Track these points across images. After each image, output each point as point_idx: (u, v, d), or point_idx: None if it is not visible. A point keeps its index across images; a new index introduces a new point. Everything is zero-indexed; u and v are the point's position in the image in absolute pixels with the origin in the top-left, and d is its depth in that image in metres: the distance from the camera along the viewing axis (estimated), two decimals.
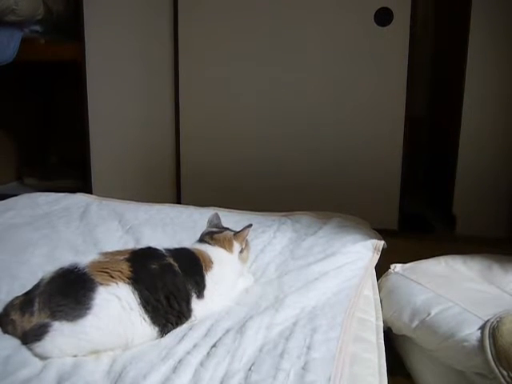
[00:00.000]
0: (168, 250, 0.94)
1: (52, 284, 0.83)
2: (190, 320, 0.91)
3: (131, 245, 1.29)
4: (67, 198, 1.70)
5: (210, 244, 1.01)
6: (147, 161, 2.59)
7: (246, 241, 1.06)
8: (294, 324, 0.91)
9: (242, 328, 0.87)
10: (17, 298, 0.86)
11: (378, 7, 2.22)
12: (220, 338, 0.85)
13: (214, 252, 0.99)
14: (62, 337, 0.79)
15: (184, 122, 2.48)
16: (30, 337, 0.79)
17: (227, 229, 1.08)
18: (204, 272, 0.94)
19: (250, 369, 0.77)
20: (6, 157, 3.03)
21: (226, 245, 1.01)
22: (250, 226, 1.06)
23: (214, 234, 1.03)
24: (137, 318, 0.83)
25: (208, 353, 0.81)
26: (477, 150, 2.31)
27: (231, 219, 1.43)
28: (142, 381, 0.73)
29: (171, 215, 1.54)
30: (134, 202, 1.69)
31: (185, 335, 0.86)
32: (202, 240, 1.03)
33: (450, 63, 2.60)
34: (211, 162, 2.50)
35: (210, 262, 0.97)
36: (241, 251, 1.04)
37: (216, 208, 1.63)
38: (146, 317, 0.84)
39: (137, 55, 2.49)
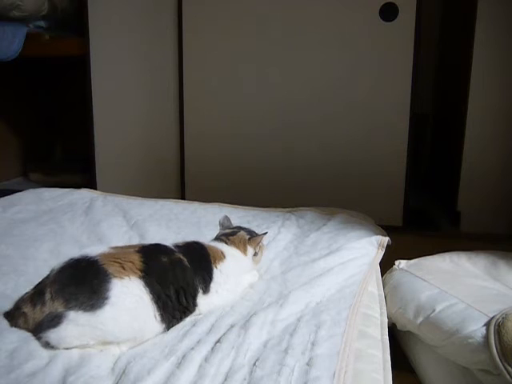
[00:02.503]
0: (177, 246, 0.95)
1: (63, 273, 0.83)
2: (193, 314, 0.91)
3: (136, 240, 1.30)
4: (72, 194, 1.70)
5: (226, 243, 1.03)
6: (152, 156, 2.59)
7: (262, 244, 1.08)
8: (299, 320, 0.91)
9: (246, 323, 0.87)
10: (27, 292, 0.86)
11: (384, 2, 2.20)
12: (224, 334, 0.85)
13: (228, 249, 1.01)
14: (77, 326, 0.78)
15: (188, 118, 2.48)
16: (45, 326, 0.79)
17: (240, 227, 1.10)
18: (213, 265, 0.95)
19: (254, 364, 0.77)
20: (12, 152, 3.04)
21: (241, 247, 1.04)
22: (265, 233, 1.10)
23: (229, 236, 1.05)
24: (150, 314, 0.83)
25: (212, 348, 0.81)
26: (481, 147, 2.29)
27: (236, 215, 1.43)
28: (146, 376, 0.74)
29: (175, 211, 1.54)
30: (139, 198, 1.70)
31: (188, 331, 0.86)
32: (218, 238, 1.05)
33: (456, 59, 2.58)
34: (215, 158, 2.50)
35: (223, 255, 0.98)
36: (255, 254, 1.06)
37: (220, 204, 1.63)
38: (157, 314, 0.84)
39: (141, 51, 2.49)
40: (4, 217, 1.45)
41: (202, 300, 0.92)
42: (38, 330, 0.80)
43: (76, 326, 0.78)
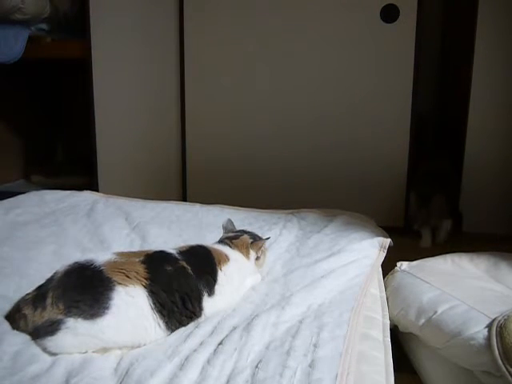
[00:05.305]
0: (180, 253, 0.95)
1: (66, 278, 0.83)
2: (199, 319, 0.91)
3: (138, 242, 1.30)
4: (74, 196, 1.71)
5: (230, 246, 1.03)
6: (153, 158, 2.59)
7: (264, 249, 1.09)
8: (301, 322, 0.91)
9: (248, 325, 0.88)
10: (28, 294, 0.86)
11: (385, 4, 2.21)
12: (227, 336, 0.85)
13: (232, 252, 1.02)
14: (76, 334, 0.79)
15: (190, 120, 2.49)
16: (42, 332, 0.79)
17: (243, 231, 1.11)
18: (217, 267, 0.96)
19: (256, 366, 0.77)
20: (14, 155, 3.05)
21: (244, 251, 1.04)
22: (268, 238, 1.11)
23: (233, 239, 1.06)
24: (152, 324, 0.84)
25: (215, 350, 0.81)
26: (483, 148, 2.29)
27: (237, 217, 1.43)
28: (149, 378, 0.74)
29: (177, 213, 1.55)
30: (140, 200, 1.70)
31: (191, 333, 0.86)
32: (222, 241, 1.06)
33: (457, 60, 2.58)
34: (217, 160, 2.50)
35: (227, 258, 0.99)
36: (257, 258, 1.06)
37: (222, 206, 1.63)
38: (161, 322, 0.84)
39: (143, 53, 2.50)
40: (6, 219, 1.45)
41: (207, 303, 0.92)
42: (36, 335, 0.80)
43: (75, 335, 0.78)
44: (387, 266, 1.32)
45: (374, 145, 2.35)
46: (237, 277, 0.99)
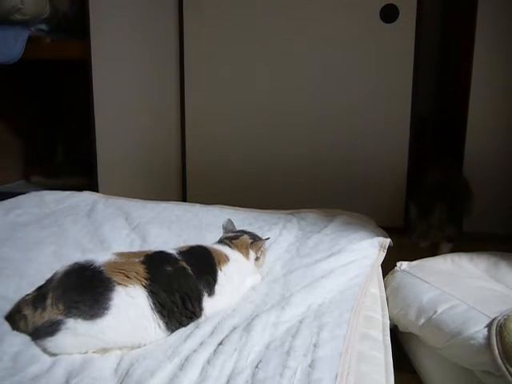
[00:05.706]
0: (180, 253, 0.95)
1: (66, 279, 0.83)
2: (199, 319, 0.91)
3: (138, 243, 1.30)
4: (74, 196, 1.71)
5: (229, 246, 1.04)
6: (153, 159, 2.59)
7: (264, 249, 1.09)
8: (301, 322, 0.91)
9: (248, 326, 0.88)
10: (28, 294, 0.86)
11: (384, 4, 2.21)
12: (227, 336, 0.85)
13: (232, 253, 1.02)
14: (76, 335, 0.79)
15: (190, 121, 2.49)
16: (42, 333, 0.79)
17: (243, 231, 1.11)
18: (217, 267, 0.96)
19: (256, 366, 0.77)
20: (14, 155, 3.05)
21: (244, 251, 1.04)
22: (268, 238, 1.11)
23: (233, 240, 1.06)
24: (152, 324, 0.84)
25: (215, 350, 0.81)
26: (483, 147, 2.29)
27: (237, 217, 1.43)
28: (149, 378, 0.74)
29: (177, 213, 1.55)
30: (140, 200, 1.70)
31: (191, 333, 0.86)
32: (221, 241, 1.06)
33: (457, 59, 2.58)
34: (216, 160, 2.50)
35: (227, 258, 0.99)
36: (256, 259, 1.07)
37: (222, 206, 1.64)
38: (161, 322, 0.85)
39: (142, 54, 2.50)
40: (7, 220, 1.45)
41: (207, 303, 0.92)
42: (36, 335, 0.80)
43: (75, 335, 0.79)
44: (387, 266, 1.32)
45: (373, 145, 2.35)
46: (237, 277, 0.99)
